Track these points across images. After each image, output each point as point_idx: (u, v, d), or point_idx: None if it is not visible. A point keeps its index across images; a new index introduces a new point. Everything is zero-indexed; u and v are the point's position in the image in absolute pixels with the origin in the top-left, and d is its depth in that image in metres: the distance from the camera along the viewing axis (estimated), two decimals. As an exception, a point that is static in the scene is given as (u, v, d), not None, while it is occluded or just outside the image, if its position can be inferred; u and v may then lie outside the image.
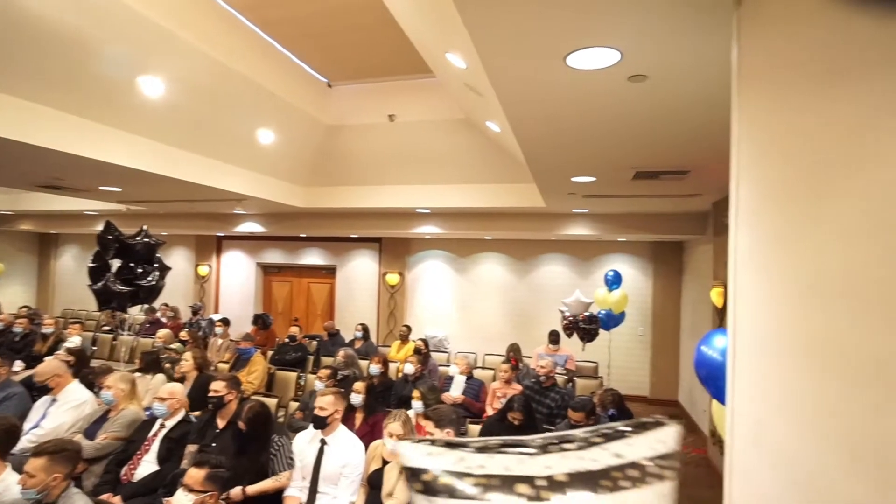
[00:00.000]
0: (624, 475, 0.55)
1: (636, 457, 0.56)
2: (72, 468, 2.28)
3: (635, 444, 0.57)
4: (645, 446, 0.57)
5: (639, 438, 0.58)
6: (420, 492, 0.55)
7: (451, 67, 3.64)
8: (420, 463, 0.55)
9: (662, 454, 0.57)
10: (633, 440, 0.57)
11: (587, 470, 0.54)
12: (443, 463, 0.55)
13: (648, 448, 0.57)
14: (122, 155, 4.53)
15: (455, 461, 0.55)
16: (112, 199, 7.10)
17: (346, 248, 9.42)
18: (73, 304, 11.51)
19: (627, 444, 0.57)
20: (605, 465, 0.55)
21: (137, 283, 5.52)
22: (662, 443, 0.58)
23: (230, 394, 3.38)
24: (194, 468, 2.12)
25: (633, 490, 0.54)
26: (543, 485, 0.53)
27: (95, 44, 3.65)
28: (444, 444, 0.57)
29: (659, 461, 0.57)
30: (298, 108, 5.66)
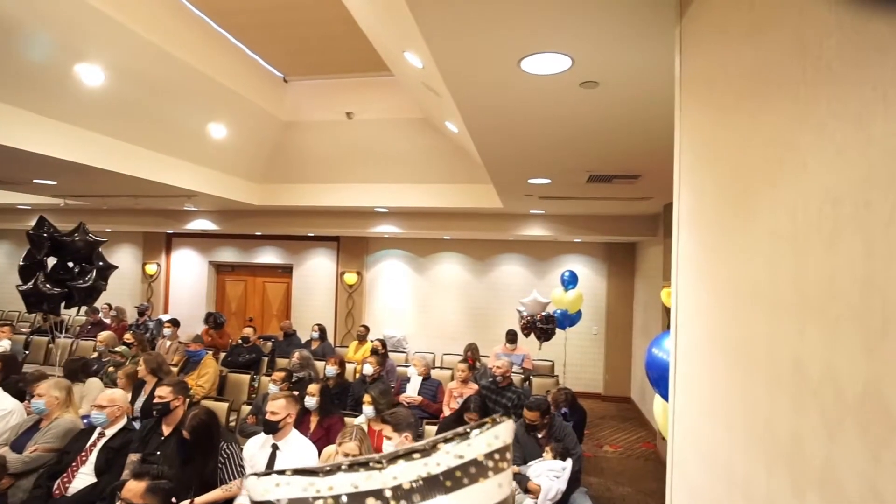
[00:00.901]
0: (464, 473, 0.59)
1: (475, 454, 0.60)
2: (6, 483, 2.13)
3: (474, 444, 0.61)
4: (483, 443, 0.61)
5: (477, 438, 0.62)
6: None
7: (409, 67, 3.61)
8: (267, 496, 0.55)
9: (498, 448, 0.62)
10: (472, 440, 0.61)
11: (431, 474, 0.58)
12: (290, 491, 0.55)
13: (486, 445, 0.61)
14: (57, 146, 4.26)
15: (304, 487, 0.55)
16: (47, 192, 6.69)
17: (303, 247, 9.22)
18: (3, 305, 10.77)
19: (467, 445, 0.61)
20: (447, 466, 0.59)
21: (72, 283, 5.20)
22: (497, 438, 0.63)
23: (176, 399, 3.24)
24: (133, 480, 2.01)
25: (474, 485, 0.59)
26: (390, 495, 0.56)
27: (26, 27, 3.42)
28: (294, 472, 0.57)
29: (495, 455, 0.62)
30: (252, 102, 5.48)
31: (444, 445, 0.60)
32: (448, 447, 0.60)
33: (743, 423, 0.82)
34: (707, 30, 1.11)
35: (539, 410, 3.44)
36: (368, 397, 3.63)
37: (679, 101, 1.31)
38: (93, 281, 5.34)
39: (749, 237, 0.84)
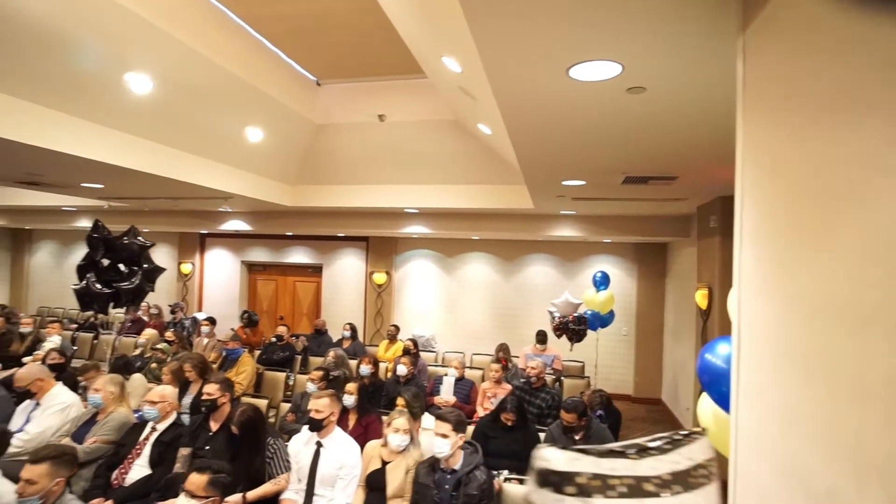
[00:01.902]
0: (699, 473, 0.71)
1: (700, 459, 0.72)
2: (71, 473, 2.26)
3: (695, 450, 0.73)
4: (700, 451, 0.73)
5: (695, 445, 0.74)
6: (573, 494, 0.66)
7: (446, 71, 3.66)
8: (571, 467, 0.67)
9: (711, 457, 0.74)
10: (692, 447, 0.73)
11: (678, 470, 0.70)
12: (587, 466, 0.67)
13: (702, 452, 0.74)
14: (106, 151, 4.44)
15: (593, 464, 0.67)
16: (93, 195, 6.95)
17: (333, 247, 9.37)
18: (49, 302, 11.23)
19: (692, 450, 0.72)
20: (686, 466, 0.70)
21: (118, 284, 5.40)
22: (708, 448, 0.75)
23: (223, 396, 3.36)
24: (196, 473, 2.11)
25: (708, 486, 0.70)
26: (659, 483, 0.68)
27: (79, 39, 3.57)
28: (576, 450, 0.70)
29: (710, 462, 0.74)
30: (287, 106, 5.61)
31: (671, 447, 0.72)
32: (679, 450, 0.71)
33: (827, 436, 0.84)
34: (777, 44, 1.12)
35: (576, 412, 3.45)
36: (402, 400, 3.69)
37: (742, 114, 1.32)
38: (138, 283, 5.55)
39: (830, 254, 0.86)
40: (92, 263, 4.69)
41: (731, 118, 2.44)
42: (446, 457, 2.79)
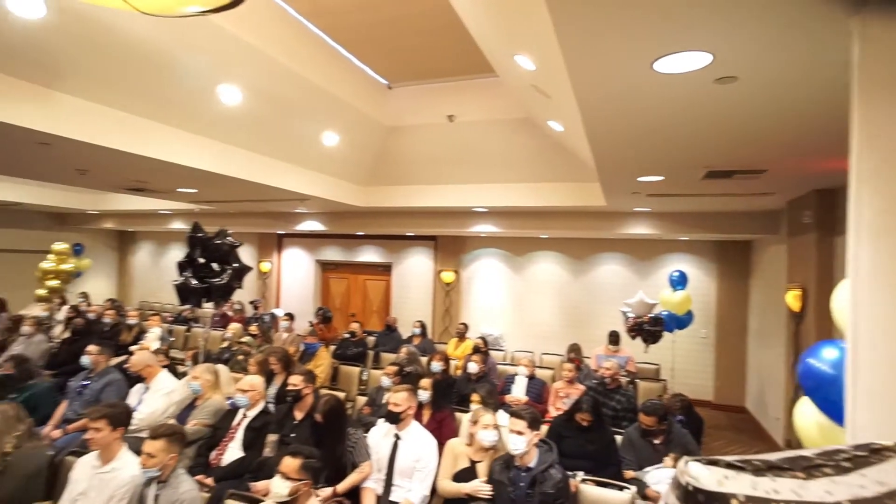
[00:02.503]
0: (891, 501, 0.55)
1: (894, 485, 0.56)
2: (182, 449, 2.49)
3: (888, 472, 0.57)
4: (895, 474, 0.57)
5: (887, 466, 0.58)
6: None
7: (518, 69, 3.66)
8: (723, 487, 0.57)
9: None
10: (884, 468, 0.58)
11: (862, 497, 0.56)
12: (741, 487, 0.57)
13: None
14: (200, 159, 4.82)
15: (750, 486, 0.57)
16: (187, 199, 7.55)
17: (402, 246, 9.59)
18: (147, 297, 12.32)
19: (883, 472, 0.57)
20: (875, 492, 0.56)
21: (210, 281, 5.84)
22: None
23: (307, 387, 3.55)
24: (289, 457, 2.26)
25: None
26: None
27: (178, 57, 3.91)
28: (726, 466, 0.59)
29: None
30: (360, 110, 5.82)
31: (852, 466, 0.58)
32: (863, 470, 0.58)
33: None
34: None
35: (656, 415, 3.34)
36: (478, 396, 3.72)
37: (857, 99, 1.23)
38: (228, 280, 5.97)
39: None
40: (190, 261, 5.10)
41: (833, 105, 2.29)
42: (521, 454, 2.79)
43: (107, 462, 2.70)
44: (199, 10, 2.22)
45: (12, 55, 3.23)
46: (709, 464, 0.59)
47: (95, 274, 12.02)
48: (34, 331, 6.20)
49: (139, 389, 4.08)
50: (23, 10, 2.93)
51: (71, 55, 3.44)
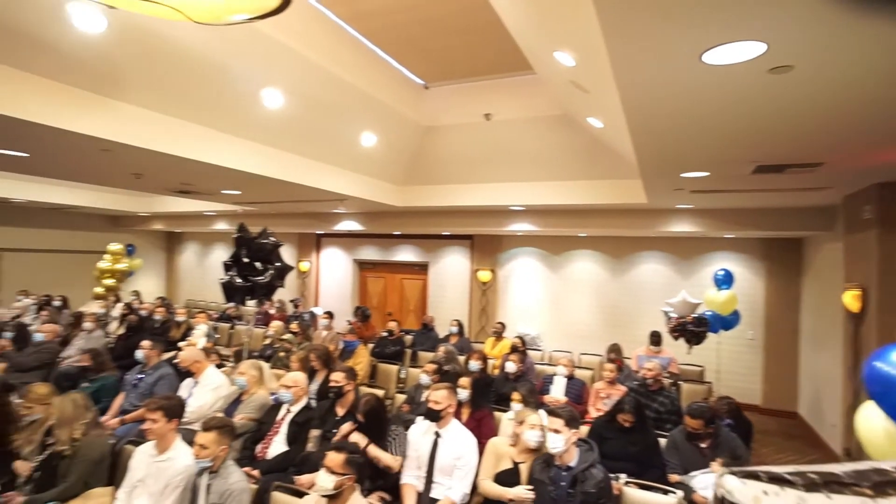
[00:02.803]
0: None
1: None
2: (231, 442, 2.59)
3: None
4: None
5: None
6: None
7: (557, 65, 3.62)
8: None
9: None
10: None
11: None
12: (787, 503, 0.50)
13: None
14: (244, 161, 4.98)
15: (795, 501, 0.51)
16: (230, 200, 7.81)
17: (438, 246, 9.64)
18: (193, 295, 12.83)
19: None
20: None
21: (253, 279, 6.02)
22: None
23: (348, 384, 3.62)
24: (334, 452, 2.31)
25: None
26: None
27: (224, 63, 4.05)
28: (769, 479, 0.52)
29: None
30: (397, 110, 5.89)
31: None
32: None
33: None
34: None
35: (703, 418, 3.24)
36: (518, 395, 3.69)
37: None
38: (270, 278, 6.14)
39: None
40: (236, 260, 5.28)
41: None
42: (560, 452, 2.76)
43: (163, 451, 2.83)
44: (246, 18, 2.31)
45: (77, 67, 3.42)
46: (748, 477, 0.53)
47: (145, 273, 12.58)
48: (94, 326, 6.55)
49: (189, 384, 4.24)
50: (86, 25, 3.10)
51: (129, 66, 3.62)
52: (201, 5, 2.07)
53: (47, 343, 5.69)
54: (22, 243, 10.88)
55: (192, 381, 4.23)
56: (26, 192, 8.65)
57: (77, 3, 2.92)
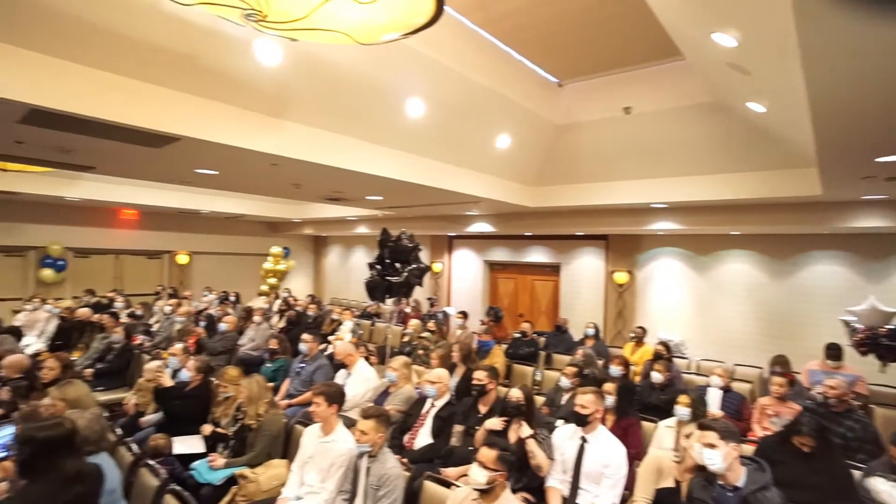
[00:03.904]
0: None
1: None
2: (388, 430, 2.79)
3: None
4: None
5: None
6: None
7: (713, 48, 3.30)
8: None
9: None
10: None
11: None
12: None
13: None
14: (390, 168, 5.33)
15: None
16: (373, 206, 8.41)
17: (571, 246, 9.37)
18: (336, 294, 14.06)
19: None
20: None
21: (390, 278, 6.40)
22: None
23: (490, 383, 3.68)
24: (487, 448, 2.36)
25: None
26: None
27: (374, 76, 4.36)
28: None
29: None
30: (530, 110, 5.85)
31: None
32: None
33: None
34: None
35: (914, 450, 2.71)
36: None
37: None
38: (406, 277, 6.49)
39: None
40: (380, 261, 5.67)
41: None
42: (720, 470, 2.48)
43: (327, 434, 3.13)
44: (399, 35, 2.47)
45: (253, 93, 3.96)
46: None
47: (297, 273, 14.09)
48: (262, 320, 7.49)
49: (342, 375, 4.65)
50: (265, 57, 3.57)
51: (295, 89, 4.09)
52: (366, 29, 2.27)
53: (229, 332, 6.65)
54: (206, 247, 12.90)
55: (346, 373, 4.62)
56: (210, 204, 10.23)
57: (261, 39, 3.38)
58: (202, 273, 12.70)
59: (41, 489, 2.00)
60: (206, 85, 3.71)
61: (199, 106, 3.77)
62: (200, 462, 3.34)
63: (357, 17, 2.11)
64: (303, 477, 3.10)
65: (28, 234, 10.25)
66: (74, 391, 3.08)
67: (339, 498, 2.88)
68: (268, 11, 1.93)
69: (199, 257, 12.81)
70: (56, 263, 10.51)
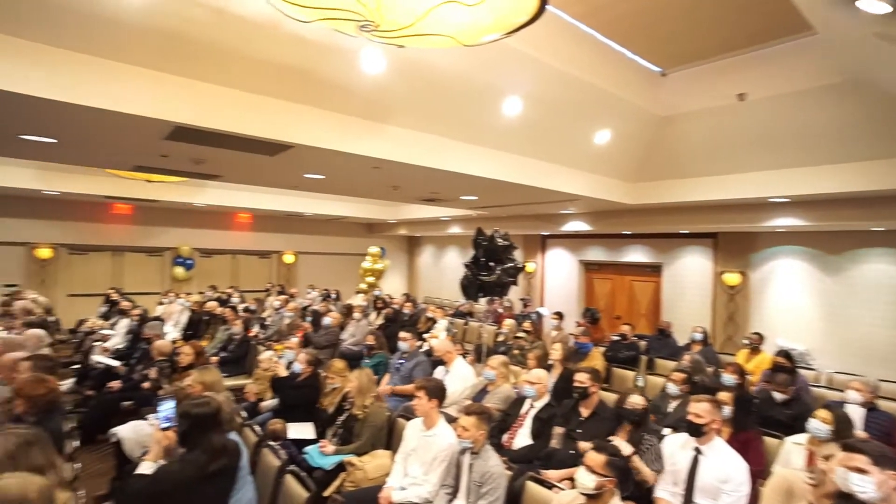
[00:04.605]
0: None
1: None
2: (489, 427, 2.80)
3: None
4: None
5: None
6: None
7: (855, 18, 2.93)
8: None
9: None
10: None
11: None
12: None
13: None
14: (486, 168, 5.36)
15: None
16: (467, 206, 8.51)
17: (674, 245, 8.80)
18: (429, 293, 14.38)
19: None
20: None
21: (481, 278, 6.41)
22: None
23: (593, 386, 3.56)
24: (595, 452, 2.28)
25: None
26: None
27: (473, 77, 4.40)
28: None
29: None
30: (632, 103, 5.58)
31: None
32: None
33: None
34: None
35: None
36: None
37: None
38: (497, 277, 6.47)
39: None
40: (475, 260, 5.72)
41: None
42: (873, 500, 2.16)
43: (429, 428, 3.21)
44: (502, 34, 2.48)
45: (359, 100, 4.17)
46: None
47: (391, 272, 14.62)
48: (361, 316, 7.88)
49: (441, 371, 4.74)
50: (370, 66, 3.75)
51: (396, 93, 4.26)
52: (471, 30, 2.30)
53: (332, 327, 7.07)
54: (309, 247, 13.86)
55: (444, 369, 4.72)
56: (313, 207, 10.96)
57: (367, 49, 3.55)
58: (306, 271, 13.67)
59: (196, 458, 2.28)
60: (316, 95, 3.98)
61: (310, 115, 4.05)
62: (313, 447, 3.58)
63: (463, 19, 2.15)
64: (406, 468, 3.21)
65: (164, 236, 11.68)
66: (210, 376, 3.44)
67: (442, 492, 2.94)
68: (381, 21, 2.02)
69: (303, 257, 13.79)
70: (186, 262, 11.87)
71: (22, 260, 10.18)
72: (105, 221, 11.03)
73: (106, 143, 4.38)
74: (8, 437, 2.05)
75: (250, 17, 3.16)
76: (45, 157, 5.59)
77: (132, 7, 2.94)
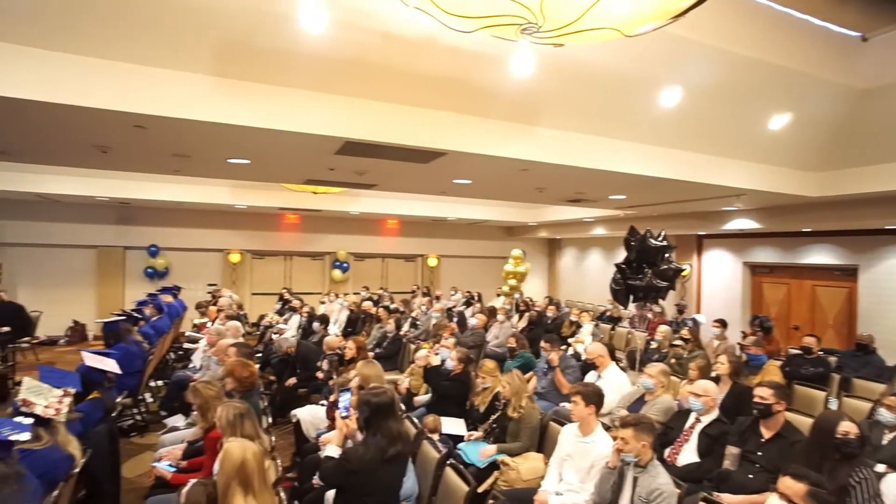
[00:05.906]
0: None
1: None
2: (652, 439, 2.63)
3: None
4: None
5: None
6: None
7: None
8: None
9: None
10: None
11: None
12: None
13: None
14: (638, 164, 5.04)
15: None
16: (614, 205, 8.10)
17: (875, 244, 7.34)
18: (571, 296, 13.96)
19: None
20: None
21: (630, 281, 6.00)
22: None
23: (778, 403, 3.14)
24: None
25: None
26: None
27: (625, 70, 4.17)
28: None
29: None
30: (819, 78, 4.79)
31: None
32: None
33: None
34: None
35: None
36: None
37: None
38: (648, 280, 6.02)
39: None
40: (627, 263, 5.42)
41: None
42: None
43: (586, 434, 3.11)
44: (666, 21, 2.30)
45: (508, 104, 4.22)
46: None
47: (531, 275, 14.47)
48: (504, 319, 7.94)
49: (592, 376, 4.56)
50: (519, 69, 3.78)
51: (545, 94, 4.22)
52: (632, 20, 2.18)
53: (478, 329, 7.23)
54: (452, 251, 14.43)
55: (595, 375, 4.53)
56: (456, 211, 11.39)
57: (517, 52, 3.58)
58: (448, 274, 14.22)
59: (377, 442, 2.51)
60: (467, 102, 4.12)
61: (462, 122, 4.21)
62: (466, 444, 3.69)
63: (625, 10, 2.05)
64: (561, 473, 3.14)
65: (325, 242, 13.09)
66: (373, 370, 3.75)
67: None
68: (543, 21, 2.01)
69: (446, 260, 14.37)
70: (342, 265, 13.16)
71: (219, 264, 12.20)
72: (279, 230, 12.71)
73: (287, 160, 5.04)
74: (230, 408, 2.47)
75: (410, 36, 3.38)
76: (241, 176, 6.61)
77: (313, 40, 3.34)
